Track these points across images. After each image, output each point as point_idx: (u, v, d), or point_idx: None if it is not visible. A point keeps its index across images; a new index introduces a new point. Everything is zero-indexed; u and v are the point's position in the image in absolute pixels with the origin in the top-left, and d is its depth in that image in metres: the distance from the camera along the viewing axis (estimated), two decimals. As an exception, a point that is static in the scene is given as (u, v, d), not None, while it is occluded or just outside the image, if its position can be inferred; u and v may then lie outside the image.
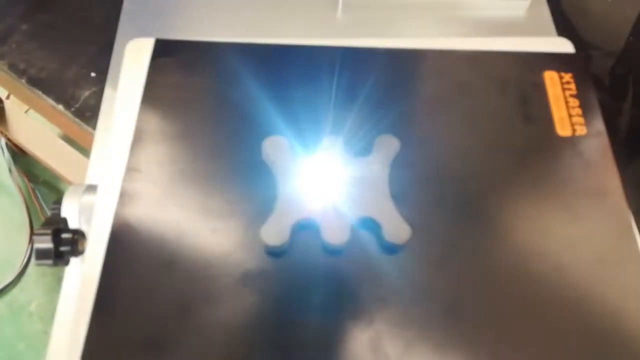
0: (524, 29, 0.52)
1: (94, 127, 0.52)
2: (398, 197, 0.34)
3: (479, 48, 0.41)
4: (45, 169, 1.07)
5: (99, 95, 0.54)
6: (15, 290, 1.04)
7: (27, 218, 1.08)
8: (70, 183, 0.98)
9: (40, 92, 0.55)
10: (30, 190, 1.09)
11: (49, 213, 0.43)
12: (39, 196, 1.10)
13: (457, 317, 0.32)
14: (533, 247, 0.34)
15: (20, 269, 1.05)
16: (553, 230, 0.35)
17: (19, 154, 1.11)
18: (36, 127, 1.01)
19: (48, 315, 1.02)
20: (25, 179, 1.10)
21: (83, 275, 0.34)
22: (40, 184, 1.12)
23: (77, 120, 0.54)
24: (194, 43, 0.41)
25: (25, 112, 1.04)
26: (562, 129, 0.38)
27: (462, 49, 0.41)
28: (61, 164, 0.99)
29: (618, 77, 0.54)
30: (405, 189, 0.35)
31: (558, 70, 0.40)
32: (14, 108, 1.03)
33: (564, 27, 0.54)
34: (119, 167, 0.36)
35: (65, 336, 0.39)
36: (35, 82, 0.56)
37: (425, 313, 0.32)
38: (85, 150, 0.93)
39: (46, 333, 0.98)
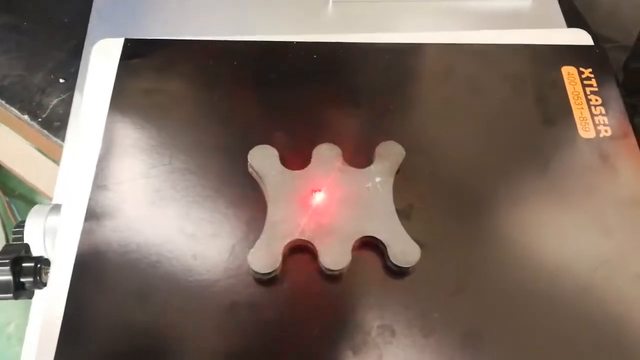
0: (530, 20, 0.50)
1: (63, 138, 0.50)
2: (404, 212, 0.31)
3: (487, 42, 0.38)
4: (21, 182, 1.03)
5: (68, 104, 0.52)
6: (-8, 312, 1.00)
7: (3, 233, 1.03)
8: (47, 197, 0.94)
9: (3, 102, 0.52)
10: (6, 205, 1.05)
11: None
12: (15, 210, 1.05)
13: (476, 349, 0.29)
14: (559, 266, 0.31)
15: (-4, 288, 1.01)
16: (580, 245, 0.32)
17: (-7, 167, 1.07)
18: (9, 138, 0.97)
19: (28, 335, 0.98)
20: (0, 193, 1.06)
21: (46, 307, 0.31)
22: (16, 198, 1.08)
23: (44, 131, 0.51)
24: (168, 42, 0.38)
25: (-2, 123, 1.00)
26: (585, 130, 0.35)
27: (469, 42, 0.38)
28: (37, 177, 0.96)
29: (632, 71, 0.52)
30: (413, 202, 0.32)
31: (576, 64, 0.37)
32: (-14, 119, 0.99)
33: (572, 19, 0.51)
34: (85, 183, 0.33)
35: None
36: (-2, 91, 0.53)
37: (439, 345, 0.29)
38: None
39: (25, 355, 0.94)
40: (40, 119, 0.51)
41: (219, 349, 0.29)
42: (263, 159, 0.32)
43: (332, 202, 0.31)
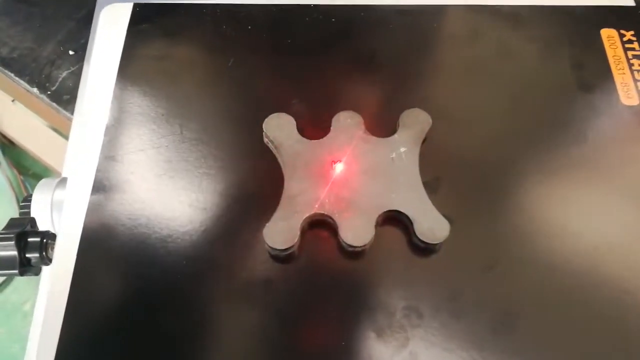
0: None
1: (72, 111, 0.48)
2: (431, 184, 0.30)
3: (518, 3, 0.36)
4: (36, 161, 1.03)
5: (78, 76, 0.50)
6: (8, 290, 1.01)
7: (18, 213, 1.03)
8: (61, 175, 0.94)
9: (12, 74, 0.51)
10: (21, 183, 1.05)
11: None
12: (30, 189, 1.06)
13: (510, 332, 0.27)
14: (599, 242, 0.29)
15: (13, 267, 1.01)
16: (622, 221, 0.30)
17: (7, 146, 1.07)
18: (24, 117, 0.98)
19: (44, 314, 0.99)
20: (15, 172, 1.06)
21: (53, 282, 0.30)
22: (31, 177, 1.09)
23: (53, 104, 0.49)
24: (179, 6, 0.37)
25: (13, 101, 1.00)
26: (627, 97, 0.33)
27: (500, 4, 0.36)
28: (52, 155, 0.97)
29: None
30: (440, 174, 0.30)
31: (617, 27, 0.35)
32: (1, 97, 0.99)
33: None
34: (92, 155, 0.32)
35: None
36: (6, 63, 0.51)
37: (470, 328, 0.27)
38: (74, 139, 0.89)
39: (42, 334, 0.95)
40: (49, 92, 0.50)
41: (231, 327, 0.28)
42: (279, 128, 0.31)
43: (354, 173, 0.30)
